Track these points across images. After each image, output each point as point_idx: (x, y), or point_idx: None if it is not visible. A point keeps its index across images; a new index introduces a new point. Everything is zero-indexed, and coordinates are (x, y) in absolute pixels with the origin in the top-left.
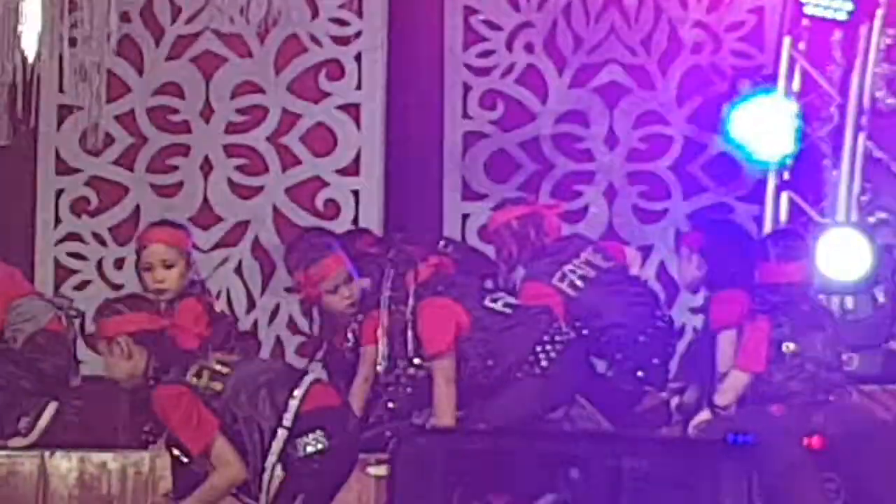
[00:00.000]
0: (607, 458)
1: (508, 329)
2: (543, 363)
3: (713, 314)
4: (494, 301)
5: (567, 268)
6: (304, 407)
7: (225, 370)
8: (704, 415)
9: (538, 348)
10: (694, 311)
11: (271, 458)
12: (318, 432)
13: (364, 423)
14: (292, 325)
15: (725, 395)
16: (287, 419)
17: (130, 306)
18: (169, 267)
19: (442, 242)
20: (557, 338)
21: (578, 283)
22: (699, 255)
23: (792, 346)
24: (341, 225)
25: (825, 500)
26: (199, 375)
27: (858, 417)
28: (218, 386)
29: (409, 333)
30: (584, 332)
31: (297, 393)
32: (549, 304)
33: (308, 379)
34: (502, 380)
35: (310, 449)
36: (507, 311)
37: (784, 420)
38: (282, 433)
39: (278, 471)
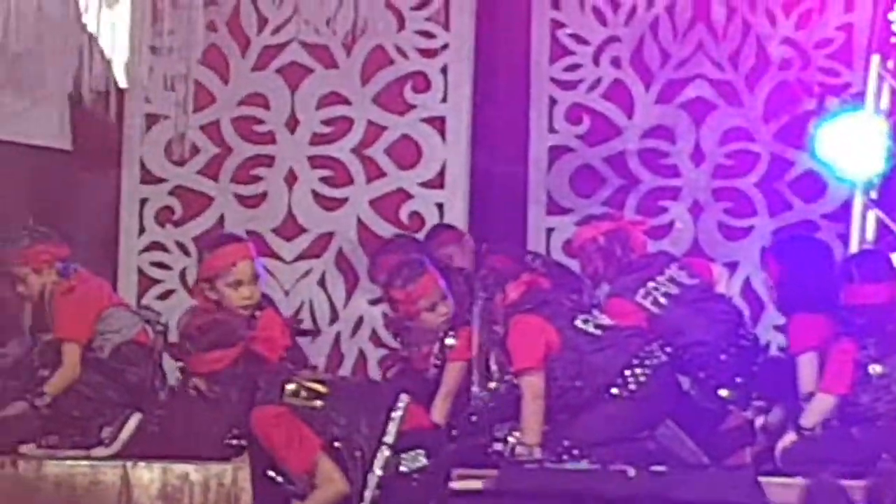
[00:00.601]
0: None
1: (599, 350)
2: (632, 386)
3: (792, 337)
4: (585, 322)
5: (651, 285)
6: (404, 426)
7: (322, 389)
8: (790, 436)
9: (627, 372)
10: (778, 328)
11: (373, 477)
12: (419, 451)
13: (447, 437)
14: (375, 338)
15: (810, 416)
16: (389, 438)
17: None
18: (255, 281)
19: (530, 256)
20: (647, 361)
21: (662, 300)
22: (769, 275)
23: (878, 368)
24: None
25: None
26: (296, 394)
27: None
28: (317, 403)
29: (498, 349)
30: (667, 349)
31: (396, 414)
32: (633, 321)
33: (405, 398)
34: (591, 400)
35: (411, 466)
36: (598, 332)
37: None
38: (384, 451)
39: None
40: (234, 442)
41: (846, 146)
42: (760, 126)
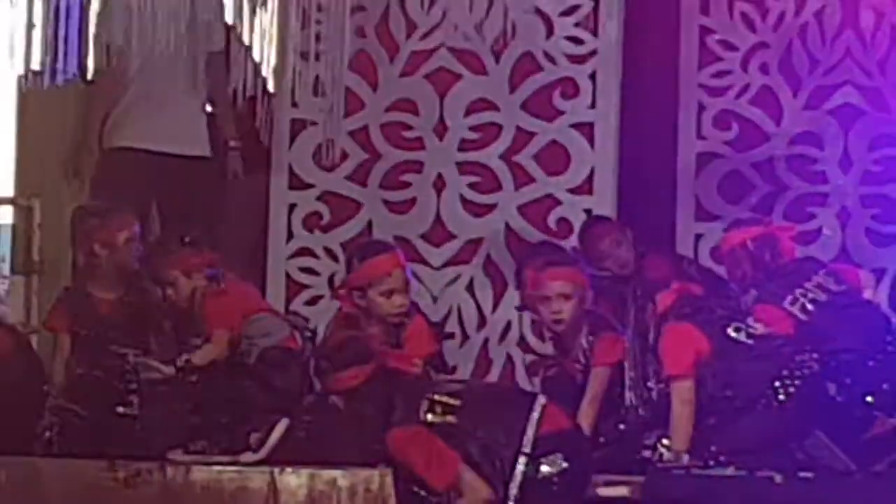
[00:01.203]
0: None
1: (750, 360)
2: (782, 397)
3: None
4: (737, 330)
5: (799, 291)
6: (541, 430)
7: (455, 401)
8: None
9: (777, 383)
10: None
11: (514, 486)
12: (557, 454)
13: (594, 444)
14: (523, 344)
15: None
16: (526, 445)
17: (360, 358)
18: (407, 288)
19: (684, 261)
20: (798, 372)
21: (809, 306)
22: None
23: None
24: (574, 242)
25: None
26: (432, 411)
27: None
28: (452, 419)
29: (649, 356)
30: (814, 355)
31: (534, 416)
32: (781, 327)
33: (540, 401)
34: (740, 410)
35: (549, 470)
36: (749, 341)
37: None
38: (523, 459)
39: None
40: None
41: None
42: None
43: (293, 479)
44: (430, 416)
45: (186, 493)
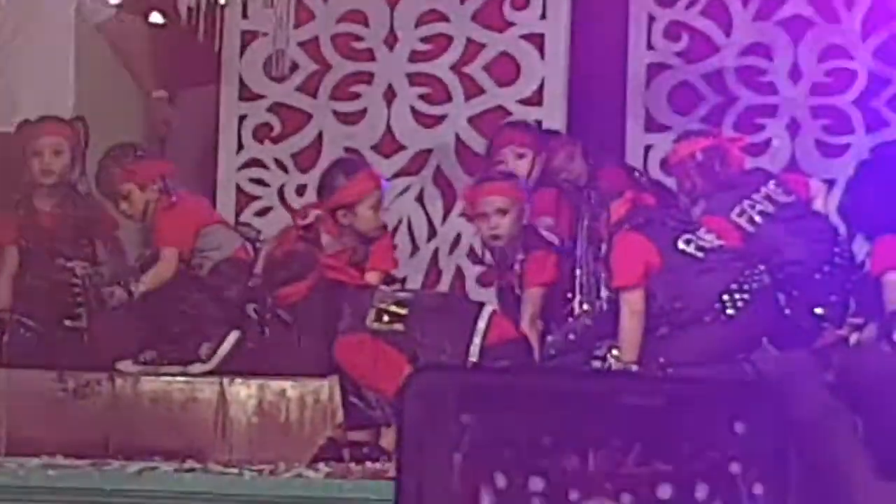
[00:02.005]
0: (617, 394)
1: (700, 273)
2: (730, 311)
3: (874, 257)
4: (688, 243)
5: (746, 202)
6: (488, 340)
7: (403, 310)
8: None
9: (726, 296)
10: None
11: None
12: (505, 364)
13: (544, 355)
14: (473, 255)
15: None
16: (473, 354)
17: (299, 274)
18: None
19: (637, 173)
20: (747, 285)
21: (757, 218)
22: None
23: None
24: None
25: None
26: (378, 319)
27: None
28: (399, 326)
29: (601, 266)
30: (763, 268)
31: (480, 325)
32: (728, 239)
33: (488, 310)
34: (689, 322)
35: None
36: (699, 254)
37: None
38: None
39: None
40: None
41: None
42: (858, 43)
43: (243, 390)
44: (376, 325)
45: (136, 403)
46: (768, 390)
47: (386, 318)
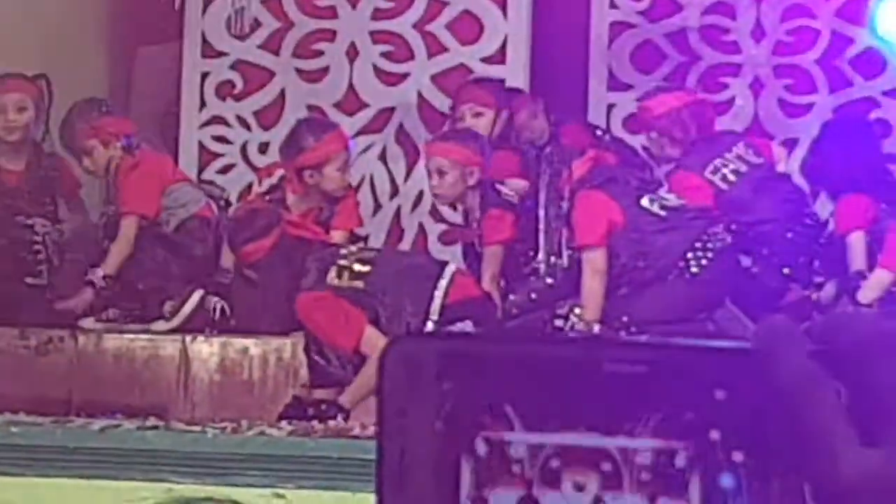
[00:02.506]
0: (600, 361)
1: (662, 232)
2: (694, 269)
3: (839, 217)
4: (651, 202)
5: (720, 161)
6: (450, 298)
7: (365, 268)
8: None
9: (690, 254)
10: None
11: None
12: (467, 322)
13: (506, 314)
14: (435, 213)
15: (868, 292)
16: (434, 311)
17: (262, 231)
18: (339, 169)
19: (599, 131)
20: (710, 244)
21: (731, 177)
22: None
23: None
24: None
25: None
26: (339, 276)
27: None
28: (359, 284)
29: (562, 224)
30: (733, 227)
31: (442, 284)
32: (700, 196)
33: (450, 269)
34: (652, 280)
35: None
36: (662, 213)
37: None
38: (430, 325)
39: None
40: None
41: None
42: (821, 3)
43: (205, 348)
44: (337, 282)
45: (98, 360)
46: (750, 357)
47: (347, 275)
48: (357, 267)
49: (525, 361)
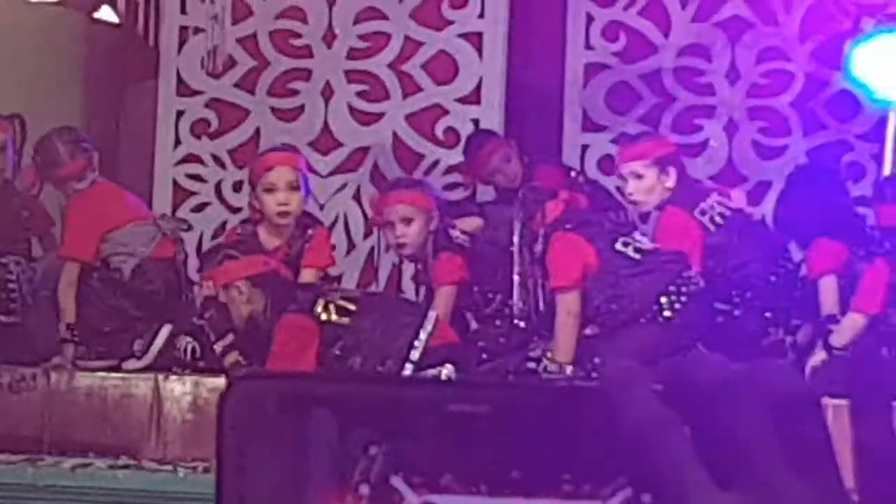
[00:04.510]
0: (445, 403)
1: (636, 275)
2: (667, 313)
3: (811, 262)
4: (625, 245)
5: (708, 202)
6: (432, 342)
7: (352, 307)
8: (820, 355)
9: (663, 299)
10: None
11: None
12: (449, 366)
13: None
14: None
15: (841, 335)
16: (415, 354)
17: (244, 251)
18: (294, 190)
19: (573, 172)
20: (684, 288)
21: (718, 219)
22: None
23: None
24: (460, 154)
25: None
26: (326, 310)
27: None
28: (345, 321)
29: (537, 266)
30: (718, 271)
31: (424, 331)
32: (687, 235)
33: (433, 315)
34: (625, 323)
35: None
36: (637, 256)
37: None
38: (409, 367)
39: None
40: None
41: (881, 66)
42: (796, 45)
43: (177, 386)
44: (323, 315)
45: (71, 398)
46: (597, 397)
47: (333, 309)
48: (345, 304)
49: (371, 401)
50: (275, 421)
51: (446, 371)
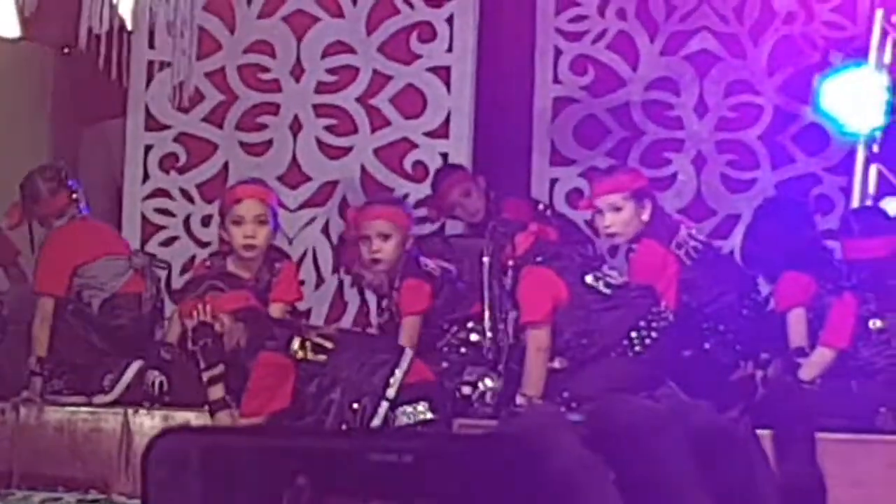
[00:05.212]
0: (365, 452)
1: (606, 310)
2: (637, 348)
3: (779, 295)
4: (596, 279)
5: (679, 238)
6: (408, 380)
7: (328, 344)
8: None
9: (633, 333)
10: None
11: (375, 423)
12: (424, 404)
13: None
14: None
15: (810, 369)
16: (390, 392)
17: (230, 284)
18: (261, 223)
19: (541, 206)
20: (654, 324)
21: (693, 252)
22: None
23: (878, 322)
24: (429, 188)
25: None
26: (302, 347)
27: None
28: (321, 358)
29: (505, 299)
30: (693, 304)
31: (400, 369)
32: (668, 270)
33: (409, 354)
34: (595, 357)
35: (414, 419)
36: (607, 291)
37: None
38: (384, 404)
39: None
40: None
41: (849, 100)
42: (764, 79)
43: (146, 420)
44: (300, 353)
45: (40, 433)
46: (519, 444)
47: (309, 346)
48: (321, 342)
49: (293, 453)
50: (199, 475)
51: (421, 408)
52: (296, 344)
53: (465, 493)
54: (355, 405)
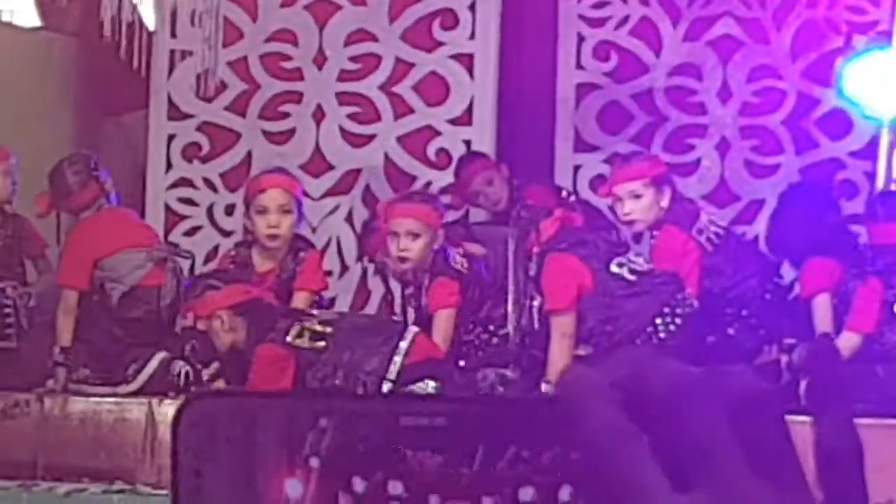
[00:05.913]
0: (388, 416)
1: (631, 297)
2: (662, 335)
3: (804, 281)
4: (620, 266)
5: (700, 223)
6: (410, 359)
7: (327, 329)
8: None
9: (658, 320)
10: None
11: None
12: (429, 381)
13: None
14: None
15: None
16: (392, 372)
17: (226, 280)
18: (286, 213)
19: (565, 193)
20: (679, 310)
21: (714, 238)
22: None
23: None
24: (452, 175)
25: None
26: (300, 336)
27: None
28: (320, 345)
29: (530, 286)
30: (715, 290)
31: (402, 345)
32: (690, 256)
33: (412, 331)
34: (620, 344)
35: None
36: (632, 277)
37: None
38: (387, 385)
39: None
40: None
41: (873, 84)
42: (787, 64)
43: (171, 411)
44: (298, 341)
45: (65, 424)
46: (554, 411)
47: (308, 336)
48: (319, 328)
49: (326, 416)
50: (229, 439)
51: (428, 386)
52: (293, 334)
53: (498, 456)
54: (359, 389)
